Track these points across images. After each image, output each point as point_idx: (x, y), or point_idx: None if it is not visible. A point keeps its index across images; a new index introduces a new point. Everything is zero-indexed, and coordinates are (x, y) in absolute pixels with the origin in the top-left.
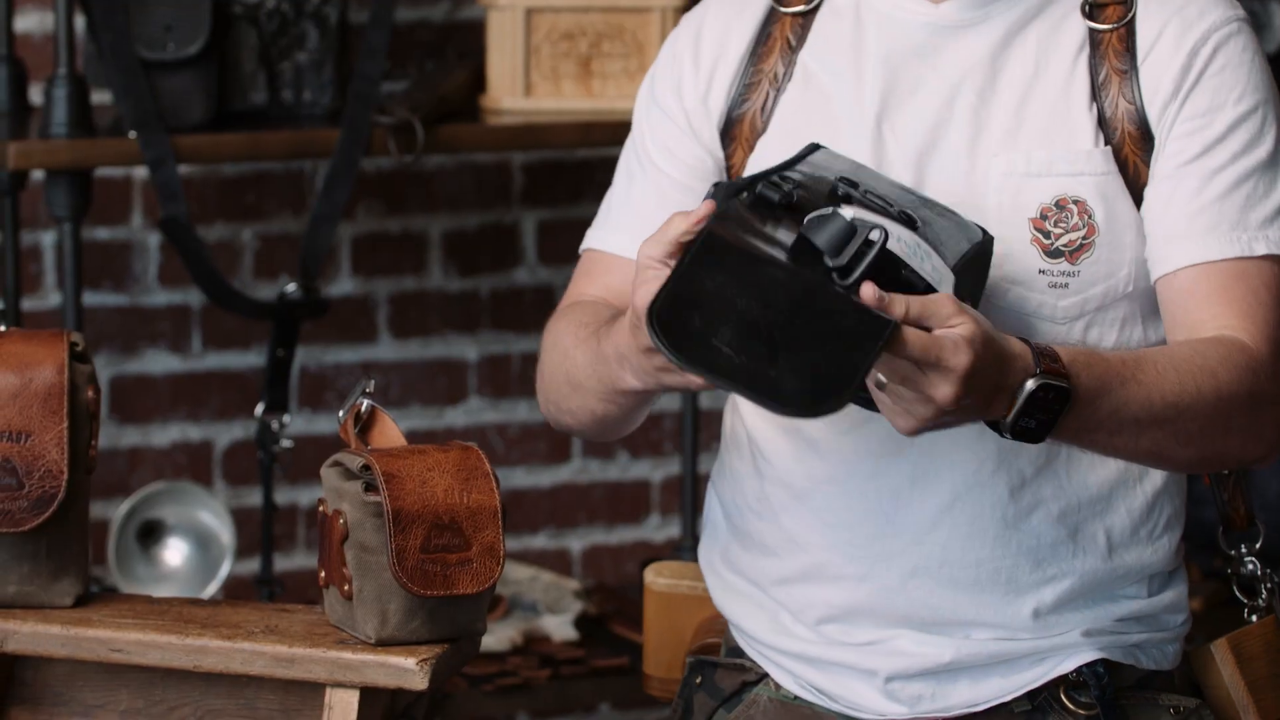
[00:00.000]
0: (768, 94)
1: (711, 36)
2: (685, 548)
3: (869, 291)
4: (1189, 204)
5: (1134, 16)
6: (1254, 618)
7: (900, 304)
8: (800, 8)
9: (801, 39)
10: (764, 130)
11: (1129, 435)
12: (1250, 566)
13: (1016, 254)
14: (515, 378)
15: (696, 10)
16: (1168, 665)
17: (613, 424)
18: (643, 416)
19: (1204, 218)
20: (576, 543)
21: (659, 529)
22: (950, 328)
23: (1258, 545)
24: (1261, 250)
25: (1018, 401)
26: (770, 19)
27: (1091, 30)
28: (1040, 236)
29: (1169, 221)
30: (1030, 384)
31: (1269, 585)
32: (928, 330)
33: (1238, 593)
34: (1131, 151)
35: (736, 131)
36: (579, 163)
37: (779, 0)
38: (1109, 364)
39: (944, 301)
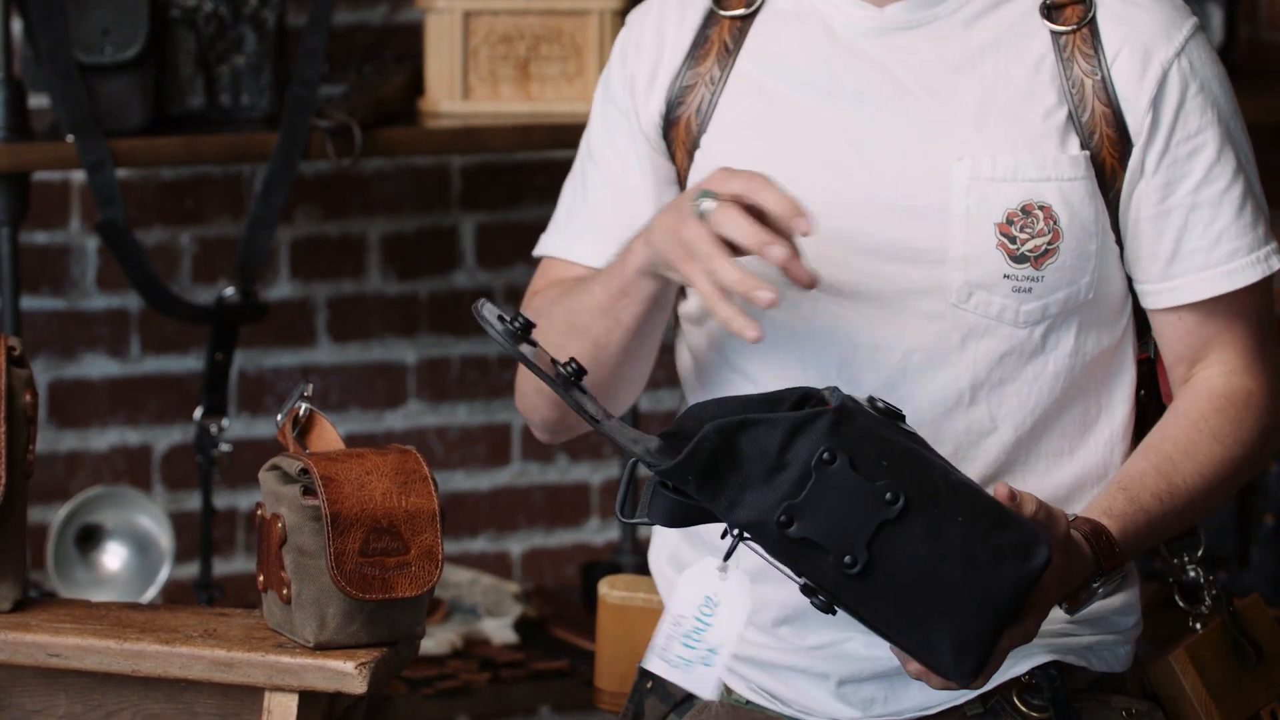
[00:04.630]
0: (704, 97)
1: (655, 36)
2: (624, 551)
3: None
4: (1207, 231)
5: (1094, 16)
6: (1198, 625)
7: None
8: (739, 11)
9: (739, 43)
10: (701, 133)
11: (1163, 537)
12: (1192, 574)
13: (982, 258)
14: (454, 381)
15: (641, 8)
16: (1119, 668)
17: (616, 349)
18: (646, 347)
19: (1225, 244)
20: (516, 546)
21: (598, 532)
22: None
23: (1199, 553)
24: (1276, 266)
25: (1082, 601)
26: (709, 21)
27: (1054, 33)
28: (1006, 241)
29: (1188, 251)
30: (1097, 588)
31: (1213, 592)
32: None
33: (1180, 601)
34: (1109, 154)
35: (674, 133)
36: (517, 165)
37: (718, 3)
38: (1149, 514)
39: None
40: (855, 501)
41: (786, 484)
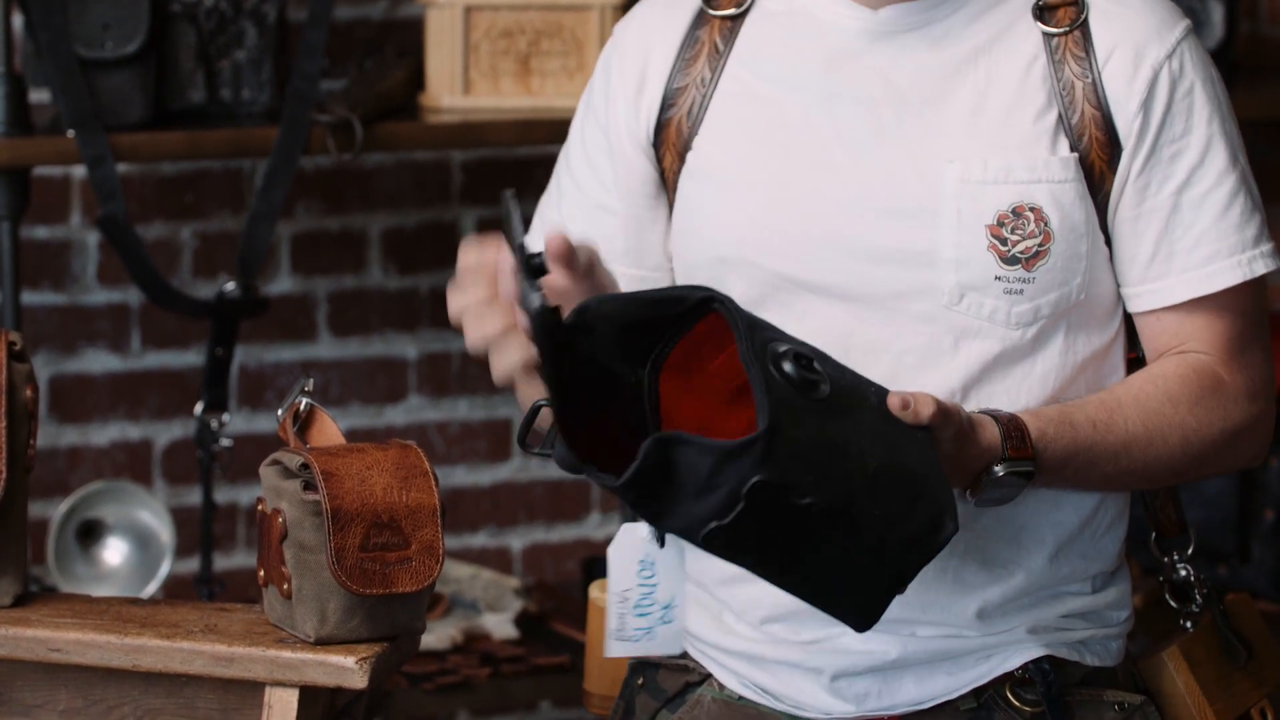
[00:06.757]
0: (694, 99)
1: (640, 42)
2: None
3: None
4: (1186, 234)
5: (1087, 18)
6: (1188, 624)
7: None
8: (730, 11)
9: (730, 43)
10: (693, 135)
11: (1095, 484)
12: (1183, 573)
13: (973, 260)
14: (455, 376)
15: (627, 17)
16: (1111, 661)
17: None
18: None
19: (1204, 247)
20: (517, 541)
21: (599, 527)
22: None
23: (1189, 552)
24: (1261, 270)
25: (984, 486)
26: (699, 22)
27: (1045, 34)
28: (997, 243)
29: (1165, 254)
30: (998, 471)
31: (1204, 591)
32: None
33: (1170, 600)
34: (1098, 157)
35: (664, 136)
36: (518, 161)
37: (708, 3)
38: (1077, 431)
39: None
40: (780, 521)
41: (716, 503)
